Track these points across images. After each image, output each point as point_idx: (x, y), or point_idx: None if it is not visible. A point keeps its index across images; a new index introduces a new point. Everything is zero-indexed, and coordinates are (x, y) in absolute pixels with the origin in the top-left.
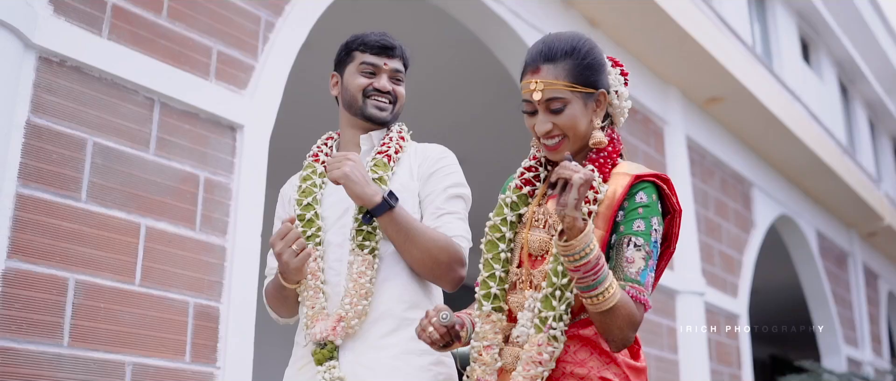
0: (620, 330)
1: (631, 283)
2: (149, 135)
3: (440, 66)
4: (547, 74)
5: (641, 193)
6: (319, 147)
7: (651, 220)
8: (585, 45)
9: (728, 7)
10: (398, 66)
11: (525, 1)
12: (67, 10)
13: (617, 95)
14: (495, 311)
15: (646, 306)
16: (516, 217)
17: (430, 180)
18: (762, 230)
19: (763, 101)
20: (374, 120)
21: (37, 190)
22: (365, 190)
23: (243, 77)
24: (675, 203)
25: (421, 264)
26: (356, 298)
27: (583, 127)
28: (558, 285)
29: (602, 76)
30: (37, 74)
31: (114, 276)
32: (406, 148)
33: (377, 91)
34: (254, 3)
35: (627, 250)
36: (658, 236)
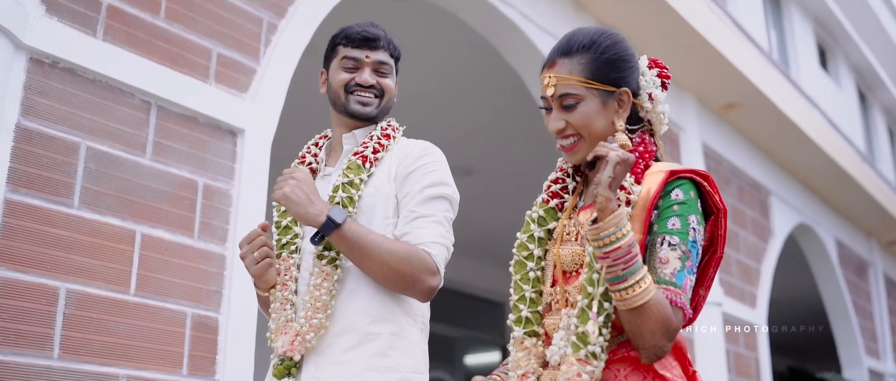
0: (652, 335)
1: (665, 285)
2: (145, 139)
3: (450, 71)
4: (561, 68)
5: (677, 190)
6: (309, 148)
7: (688, 218)
8: (608, 40)
9: (743, 12)
10: (383, 57)
11: (535, 3)
12: (60, 10)
13: (650, 99)
14: (529, 336)
15: (684, 312)
16: (545, 233)
17: (407, 181)
18: (780, 239)
19: (781, 107)
20: (357, 116)
21: (26, 196)
22: (307, 211)
23: (244, 80)
24: (717, 201)
25: (383, 279)
26: (311, 311)
27: (599, 127)
28: (595, 294)
29: (626, 73)
30: (27, 75)
31: (107, 285)
32: (391, 146)
33: (359, 86)
34: (255, 4)
35: (661, 250)
36: (697, 236)
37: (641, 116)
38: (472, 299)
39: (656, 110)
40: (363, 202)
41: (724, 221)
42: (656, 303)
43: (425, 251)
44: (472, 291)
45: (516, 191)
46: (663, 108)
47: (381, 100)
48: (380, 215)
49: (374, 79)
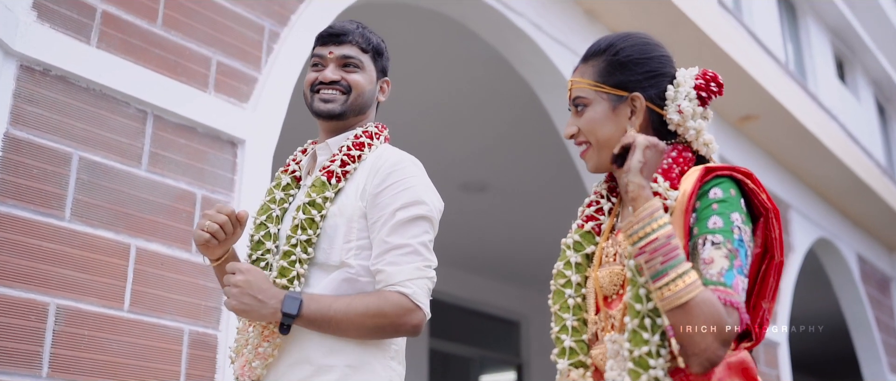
0: (703, 338)
1: (713, 286)
2: (141, 149)
3: (462, 85)
4: (580, 73)
5: (715, 188)
6: (295, 156)
7: (731, 216)
8: (626, 42)
9: (759, 24)
10: (349, 51)
11: (548, 14)
12: (53, 16)
13: (678, 111)
14: (575, 367)
15: (740, 314)
16: (583, 259)
17: (377, 202)
18: (800, 255)
19: (799, 118)
20: (321, 115)
21: (15, 208)
22: (262, 313)
23: (245, 89)
24: (764, 201)
25: (364, 338)
26: (259, 339)
27: (605, 132)
28: (644, 311)
29: (640, 78)
30: (17, 83)
31: (99, 301)
32: (366, 156)
33: (322, 83)
34: (257, 11)
35: (704, 251)
36: (744, 235)
37: (671, 128)
38: (487, 318)
39: (686, 125)
40: (326, 223)
41: (776, 222)
42: (704, 300)
43: (400, 293)
44: (488, 310)
45: (531, 207)
46: (696, 124)
47: (348, 96)
48: (341, 238)
49: (337, 74)
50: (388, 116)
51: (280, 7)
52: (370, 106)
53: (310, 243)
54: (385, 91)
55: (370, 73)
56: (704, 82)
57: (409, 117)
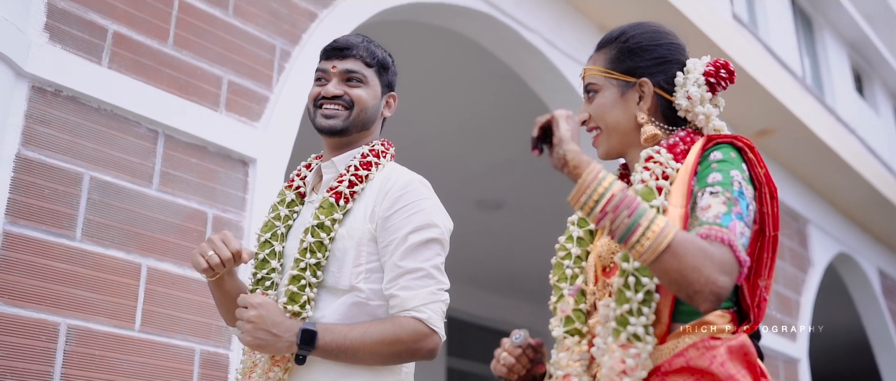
0: (698, 272)
1: (708, 225)
2: (152, 169)
3: (476, 103)
4: (592, 61)
5: (716, 152)
6: (299, 171)
7: (730, 172)
8: (637, 30)
9: (775, 38)
10: (353, 66)
11: (560, 30)
12: (64, 37)
13: (687, 97)
14: (571, 334)
15: (734, 250)
16: (586, 234)
17: (388, 225)
18: (820, 270)
19: (817, 133)
20: (323, 131)
21: (26, 228)
22: (277, 347)
23: (256, 109)
24: (759, 174)
25: (380, 365)
26: (269, 364)
27: (613, 117)
28: (629, 270)
29: (649, 64)
30: (29, 104)
31: (110, 321)
32: (374, 176)
33: (324, 98)
34: (268, 30)
35: (702, 200)
36: (744, 189)
37: (680, 115)
38: (504, 336)
39: (694, 110)
40: (335, 246)
41: (768, 196)
42: (684, 237)
43: (415, 318)
44: (505, 327)
45: (547, 224)
46: (705, 109)
47: (350, 112)
48: (350, 261)
49: (340, 89)
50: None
51: (291, 26)
52: (374, 121)
53: (319, 266)
54: (391, 106)
55: (374, 87)
56: (715, 69)
57: (424, 136)
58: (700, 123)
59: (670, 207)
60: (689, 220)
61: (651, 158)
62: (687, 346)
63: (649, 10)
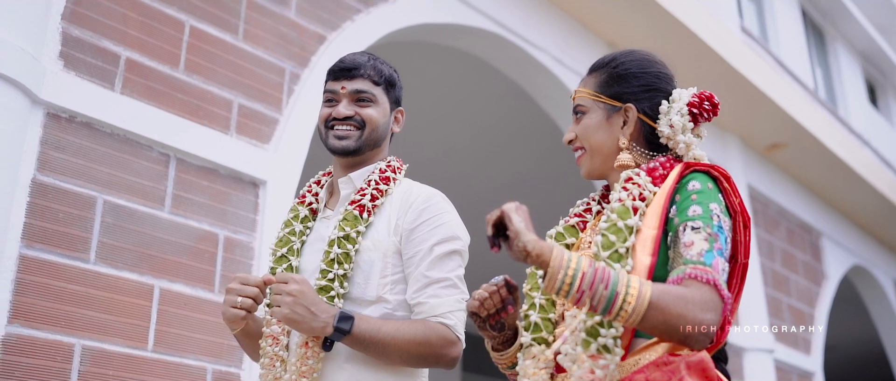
0: (684, 318)
1: (691, 264)
2: (164, 192)
3: (486, 120)
4: (583, 83)
5: (694, 181)
6: (310, 186)
7: (709, 205)
8: (628, 57)
9: (786, 51)
10: (362, 86)
11: (568, 47)
12: (78, 64)
13: (670, 125)
14: (538, 343)
15: (718, 289)
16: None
17: (413, 237)
18: (834, 282)
19: (829, 145)
20: (336, 152)
21: (41, 251)
22: (313, 326)
23: (266, 131)
24: (734, 203)
25: (404, 365)
26: (296, 376)
27: (597, 139)
28: None
29: (636, 90)
30: (44, 130)
31: (124, 341)
32: (392, 190)
33: (336, 119)
34: (278, 54)
35: (684, 236)
36: (722, 222)
37: (662, 142)
38: None
39: (676, 138)
40: (360, 258)
41: (742, 225)
42: (661, 291)
43: (443, 324)
44: None
45: None
46: (686, 138)
47: (362, 131)
48: (377, 273)
49: (351, 110)
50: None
51: (300, 49)
52: (385, 138)
53: (346, 277)
54: (399, 121)
55: (383, 105)
56: (699, 101)
57: (437, 153)
58: (681, 151)
59: (644, 227)
60: (672, 255)
61: (630, 179)
62: (648, 363)
63: (657, 26)
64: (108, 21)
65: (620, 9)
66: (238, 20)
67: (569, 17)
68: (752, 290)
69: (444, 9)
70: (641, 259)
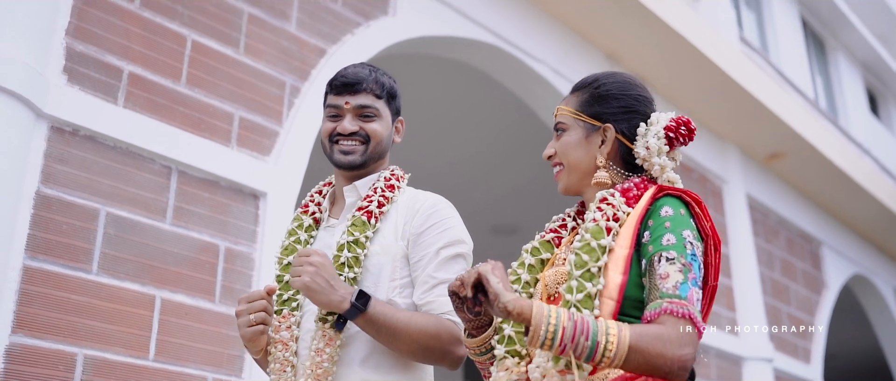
0: (663, 356)
1: (667, 298)
2: (165, 204)
3: (488, 131)
4: (566, 101)
5: (666, 206)
6: (311, 196)
7: (682, 232)
8: (610, 78)
9: (786, 61)
10: (365, 101)
11: (568, 59)
12: (82, 78)
13: (646, 147)
14: (511, 355)
15: (694, 322)
16: (538, 263)
17: (420, 241)
18: (834, 291)
19: (828, 155)
20: (342, 167)
21: (45, 262)
22: (331, 299)
23: (267, 143)
24: (706, 227)
25: (411, 355)
26: (311, 379)
27: (576, 157)
28: (573, 301)
29: (615, 111)
30: (48, 143)
31: (126, 350)
32: (396, 198)
33: (340, 135)
34: (279, 67)
35: (660, 267)
36: (695, 250)
37: (638, 163)
38: None
39: (651, 160)
40: (369, 262)
41: (712, 249)
42: (639, 334)
43: (451, 321)
44: None
45: None
46: (661, 160)
47: (367, 146)
48: (386, 276)
49: (355, 125)
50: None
51: (301, 62)
52: (388, 149)
53: (355, 281)
54: (400, 131)
55: (386, 118)
56: (675, 125)
57: (441, 165)
58: (655, 173)
59: (617, 247)
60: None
61: (605, 200)
62: (616, 377)
63: (655, 37)
64: (111, 36)
65: (619, 20)
66: (239, 34)
67: (567, 29)
68: (752, 299)
69: (444, 21)
70: (613, 278)
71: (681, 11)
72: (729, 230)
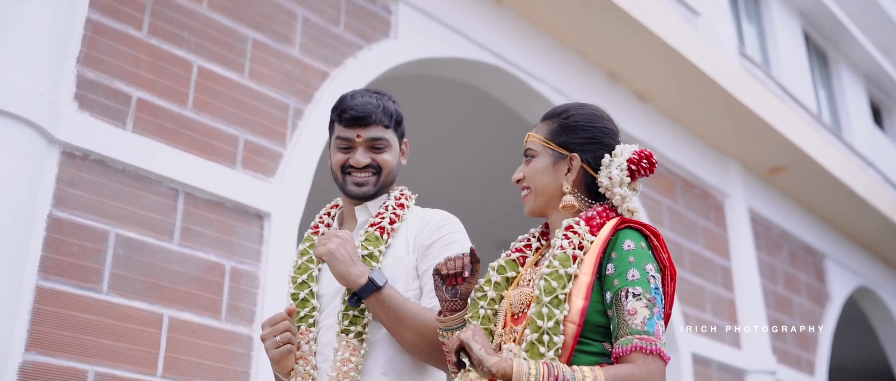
0: None
1: (638, 335)
2: (173, 225)
3: (490, 149)
4: (536, 129)
5: (628, 240)
6: (321, 218)
7: (645, 267)
8: (578, 110)
9: (789, 75)
10: (377, 133)
11: (568, 77)
12: (92, 105)
13: (609, 177)
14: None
15: (661, 356)
16: (503, 281)
17: (428, 253)
18: (838, 303)
19: (829, 168)
20: (355, 197)
21: (57, 283)
22: (350, 270)
23: (271, 165)
24: (664, 260)
25: (414, 347)
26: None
27: (543, 182)
28: (545, 328)
29: (582, 142)
30: (60, 168)
31: (135, 367)
32: (405, 216)
33: (353, 167)
34: (282, 91)
35: (627, 303)
36: (657, 282)
37: (601, 191)
38: None
39: (613, 190)
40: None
41: (668, 279)
42: (613, 375)
43: None
44: None
45: None
46: (622, 190)
47: (379, 176)
48: (401, 287)
49: (367, 157)
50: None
51: (304, 86)
52: (397, 175)
53: None
54: (405, 153)
55: (395, 146)
56: (638, 158)
57: (444, 183)
58: (616, 202)
59: (581, 275)
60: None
61: (570, 228)
62: None
63: (655, 55)
64: (120, 63)
65: (618, 39)
66: (244, 59)
67: (567, 48)
68: (754, 312)
69: (444, 42)
70: (575, 303)
71: (680, 29)
72: (731, 244)
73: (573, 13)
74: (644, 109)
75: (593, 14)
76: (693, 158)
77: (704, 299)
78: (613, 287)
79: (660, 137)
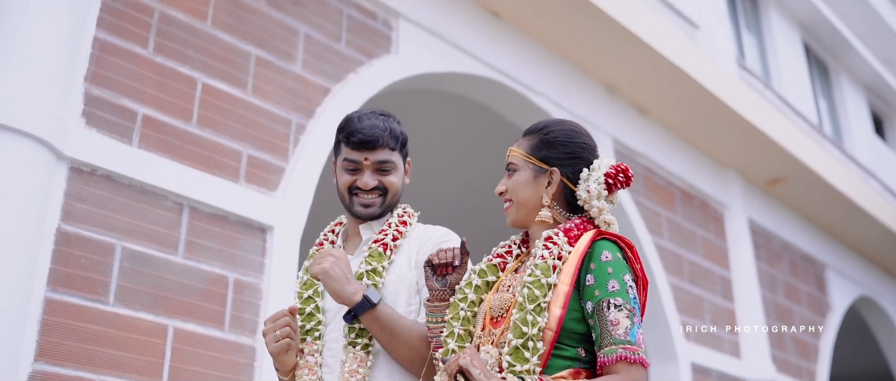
0: None
1: (622, 344)
2: (177, 238)
3: (489, 164)
4: (517, 143)
5: (605, 251)
6: (326, 235)
7: (623, 277)
8: (559, 126)
9: (789, 86)
10: (383, 156)
11: (568, 91)
12: (99, 121)
13: (587, 191)
14: None
15: (643, 365)
16: (484, 284)
17: None
18: (839, 313)
19: (829, 179)
20: (362, 218)
21: (65, 294)
22: (345, 288)
23: (273, 179)
24: (637, 270)
25: (408, 362)
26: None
27: (525, 195)
28: (529, 334)
29: (561, 157)
30: (68, 183)
31: (140, 377)
32: (408, 233)
33: (360, 189)
34: (285, 106)
35: (609, 314)
36: (635, 292)
37: (579, 204)
38: None
39: (591, 203)
40: (386, 289)
41: (643, 290)
42: None
43: None
44: None
45: None
46: (599, 203)
47: (385, 197)
48: (403, 301)
49: (375, 180)
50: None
51: (306, 101)
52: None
53: None
54: (408, 172)
55: (400, 166)
56: (614, 172)
57: (445, 197)
58: (593, 214)
59: (560, 284)
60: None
61: (550, 239)
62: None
63: (654, 68)
64: (126, 80)
65: (617, 52)
66: (247, 76)
67: (567, 61)
68: (754, 321)
69: (444, 57)
70: (553, 311)
71: (679, 41)
72: (730, 255)
73: (572, 27)
74: (643, 122)
75: (592, 28)
76: (692, 169)
77: (704, 308)
78: (594, 298)
79: (659, 149)
